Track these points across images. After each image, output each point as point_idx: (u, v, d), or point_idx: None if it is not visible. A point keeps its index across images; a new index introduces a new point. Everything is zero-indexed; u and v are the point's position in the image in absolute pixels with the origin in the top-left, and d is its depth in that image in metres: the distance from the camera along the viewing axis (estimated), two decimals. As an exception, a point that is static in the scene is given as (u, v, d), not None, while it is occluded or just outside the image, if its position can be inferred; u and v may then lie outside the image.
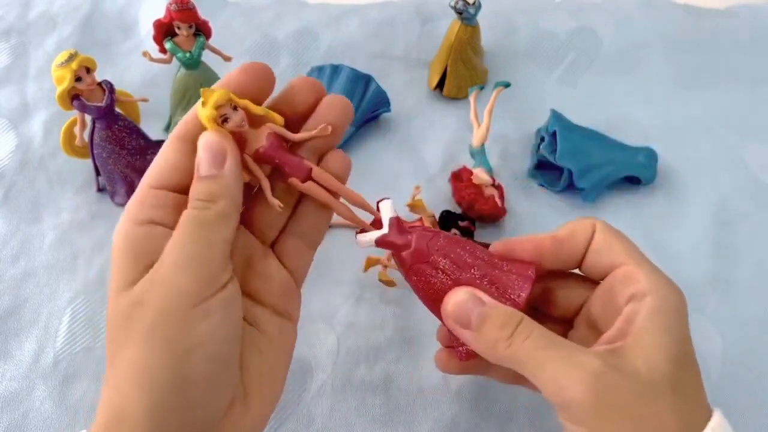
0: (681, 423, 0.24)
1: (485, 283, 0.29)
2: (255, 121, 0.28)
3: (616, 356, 0.25)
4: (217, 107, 0.26)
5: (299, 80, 0.30)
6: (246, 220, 0.29)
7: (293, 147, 0.29)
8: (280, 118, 0.28)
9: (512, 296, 0.29)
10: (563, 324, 0.32)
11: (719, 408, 0.26)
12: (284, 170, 0.28)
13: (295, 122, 0.29)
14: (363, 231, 0.30)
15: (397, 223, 0.29)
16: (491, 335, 0.27)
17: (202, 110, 0.26)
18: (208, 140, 0.26)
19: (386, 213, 0.29)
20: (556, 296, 0.32)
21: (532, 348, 0.26)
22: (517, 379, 0.30)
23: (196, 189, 0.26)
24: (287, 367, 0.30)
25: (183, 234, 0.25)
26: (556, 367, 0.25)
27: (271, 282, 0.29)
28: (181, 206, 0.26)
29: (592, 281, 0.31)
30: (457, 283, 0.29)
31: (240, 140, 0.27)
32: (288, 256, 0.30)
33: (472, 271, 0.29)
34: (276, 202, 0.28)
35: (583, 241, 0.30)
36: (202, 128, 0.27)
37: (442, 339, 0.34)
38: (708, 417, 0.25)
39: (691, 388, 0.26)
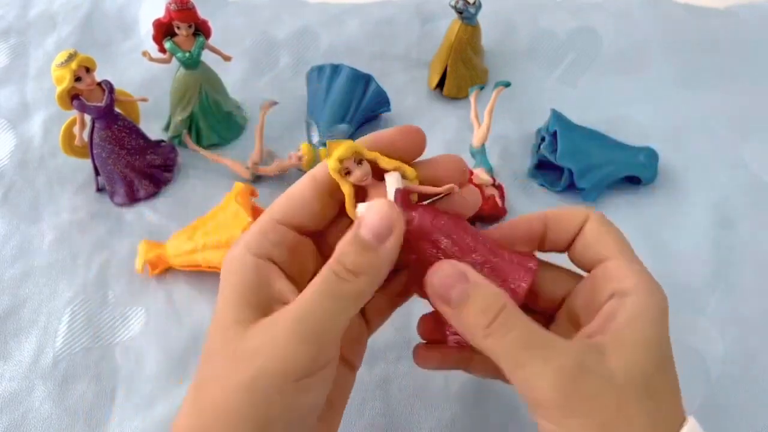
0: (652, 428, 0.24)
1: (486, 269, 0.28)
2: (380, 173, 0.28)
3: (593, 352, 0.25)
4: (341, 160, 0.26)
5: (447, 158, 0.30)
6: None
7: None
8: (412, 171, 0.28)
9: (512, 285, 0.27)
10: (545, 317, 0.31)
11: (693, 416, 0.26)
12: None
13: None
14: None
15: (402, 195, 0.27)
16: (470, 319, 0.25)
17: (327, 161, 0.27)
18: (380, 207, 0.25)
19: (392, 184, 0.27)
20: (540, 287, 0.31)
21: (512, 345, 0.25)
22: (497, 373, 0.29)
23: (347, 253, 0.25)
24: (340, 415, 0.30)
25: (314, 301, 0.24)
26: (532, 366, 0.24)
27: (348, 331, 0.28)
28: (298, 248, 0.26)
29: (577, 275, 0.30)
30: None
31: (361, 192, 0.28)
32: (368, 306, 0.29)
33: (473, 255, 0.27)
34: None
35: (573, 227, 0.29)
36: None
37: (423, 331, 0.33)
38: (681, 423, 0.25)
39: (666, 393, 0.25)
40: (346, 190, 0.27)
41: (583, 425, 0.24)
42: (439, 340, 0.32)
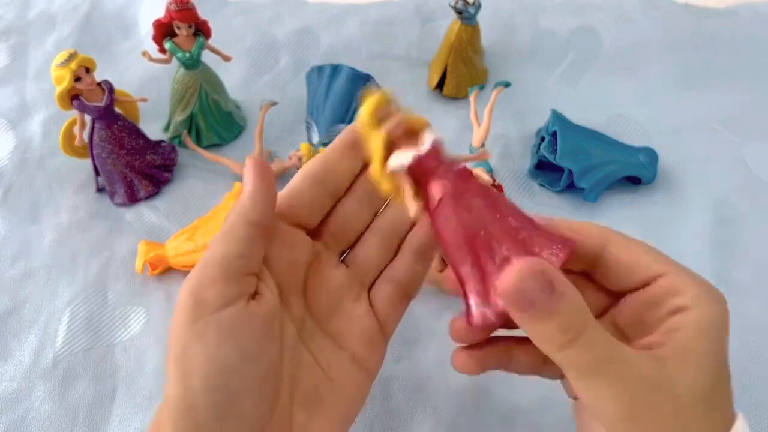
0: None
1: (521, 236, 0.24)
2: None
3: (658, 367, 0.24)
4: (375, 109, 0.25)
5: None
6: (350, 257, 0.29)
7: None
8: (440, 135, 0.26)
9: (545, 256, 0.24)
10: None
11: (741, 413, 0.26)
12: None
13: None
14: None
15: (438, 146, 0.25)
16: (551, 333, 0.23)
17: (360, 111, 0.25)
18: (250, 169, 0.27)
19: (430, 135, 0.25)
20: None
21: (587, 364, 0.23)
22: (537, 370, 0.29)
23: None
24: (349, 423, 0.28)
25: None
26: (600, 383, 0.24)
27: (356, 325, 0.28)
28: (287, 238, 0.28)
29: (608, 292, 0.29)
30: (490, 227, 0.24)
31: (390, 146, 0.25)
32: (380, 302, 0.29)
33: (509, 219, 0.25)
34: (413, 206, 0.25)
35: (596, 245, 0.28)
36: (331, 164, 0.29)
37: (458, 335, 0.30)
38: (733, 421, 0.26)
39: (724, 402, 0.26)
40: (377, 144, 0.25)
41: None
42: (474, 342, 0.30)
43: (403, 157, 0.25)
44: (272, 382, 0.25)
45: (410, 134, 0.25)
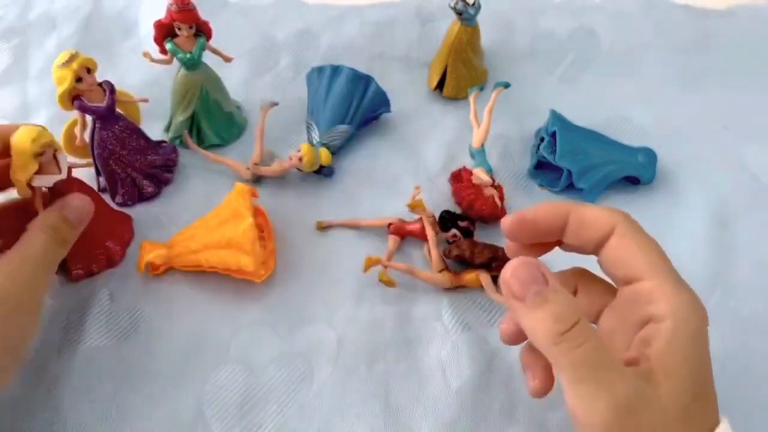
0: None
1: None
2: None
3: (647, 384, 0.25)
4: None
5: None
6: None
7: None
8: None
9: None
10: None
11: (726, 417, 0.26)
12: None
13: None
14: None
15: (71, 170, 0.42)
16: (543, 323, 0.25)
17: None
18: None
19: (65, 164, 0.41)
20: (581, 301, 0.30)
21: (579, 359, 0.24)
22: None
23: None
24: None
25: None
26: (589, 388, 0.24)
27: None
28: None
29: (578, 275, 0.31)
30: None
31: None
32: None
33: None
34: None
35: (597, 235, 0.28)
36: None
37: (505, 337, 0.31)
38: (716, 424, 0.26)
39: (708, 406, 0.26)
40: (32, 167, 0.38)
41: None
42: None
43: (47, 179, 0.40)
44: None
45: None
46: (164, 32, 0.49)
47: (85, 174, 0.50)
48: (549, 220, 0.29)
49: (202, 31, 0.49)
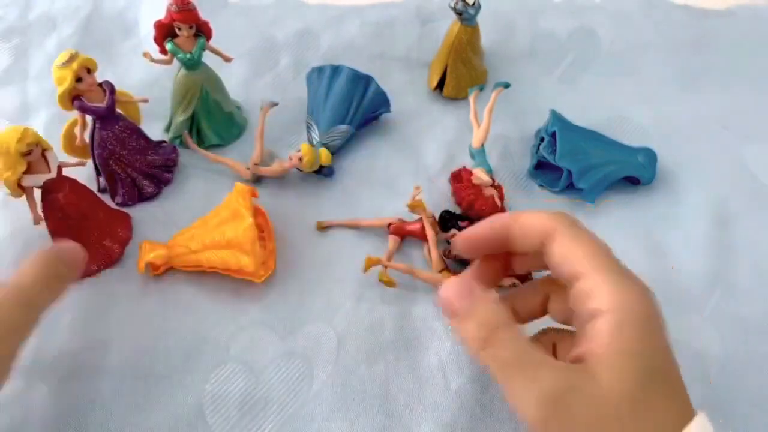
0: None
1: None
2: None
3: (579, 374, 0.25)
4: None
5: None
6: None
7: None
8: None
9: None
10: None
11: (703, 413, 0.25)
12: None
13: None
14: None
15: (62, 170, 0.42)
16: (470, 332, 0.27)
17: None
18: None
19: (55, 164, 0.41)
20: (514, 306, 0.32)
21: (505, 361, 0.26)
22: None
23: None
24: None
25: None
26: (519, 384, 0.25)
27: None
28: None
29: (548, 284, 0.31)
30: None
31: None
32: None
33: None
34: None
35: (537, 241, 0.29)
36: None
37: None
38: (688, 420, 0.25)
39: (665, 405, 0.25)
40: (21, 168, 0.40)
41: None
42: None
43: (36, 179, 0.41)
44: None
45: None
46: (164, 32, 0.49)
47: (85, 174, 0.50)
48: (492, 234, 0.30)
49: (202, 31, 0.49)
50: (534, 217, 0.29)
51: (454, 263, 0.45)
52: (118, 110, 0.48)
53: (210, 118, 0.53)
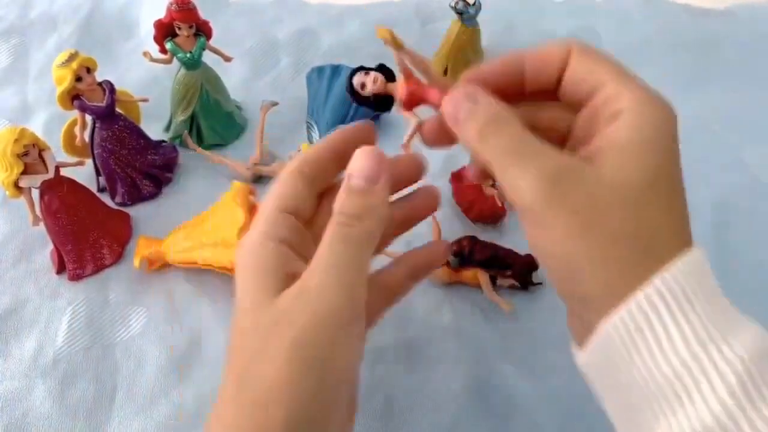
0: (636, 242, 0.22)
1: None
2: None
3: (582, 162, 0.24)
4: None
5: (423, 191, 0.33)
6: None
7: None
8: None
9: None
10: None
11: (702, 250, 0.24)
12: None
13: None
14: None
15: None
16: (471, 127, 0.26)
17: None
18: (367, 150, 0.26)
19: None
20: (540, 119, 0.29)
21: (502, 149, 0.25)
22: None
23: (345, 203, 0.26)
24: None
25: (332, 251, 0.25)
26: (515, 169, 0.24)
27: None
28: (304, 234, 0.28)
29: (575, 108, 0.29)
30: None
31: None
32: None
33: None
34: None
35: (554, 66, 0.27)
36: (320, 163, 0.29)
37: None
38: (680, 247, 0.23)
39: (662, 207, 0.23)
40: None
41: (565, 224, 0.23)
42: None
43: (33, 179, 0.41)
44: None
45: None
46: (164, 32, 0.49)
47: (85, 174, 0.50)
48: (503, 68, 0.28)
49: (202, 30, 0.49)
50: (547, 45, 0.28)
51: (454, 260, 0.45)
52: (118, 110, 0.48)
53: (210, 118, 0.52)
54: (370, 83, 0.30)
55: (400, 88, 0.32)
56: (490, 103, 0.26)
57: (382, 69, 0.33)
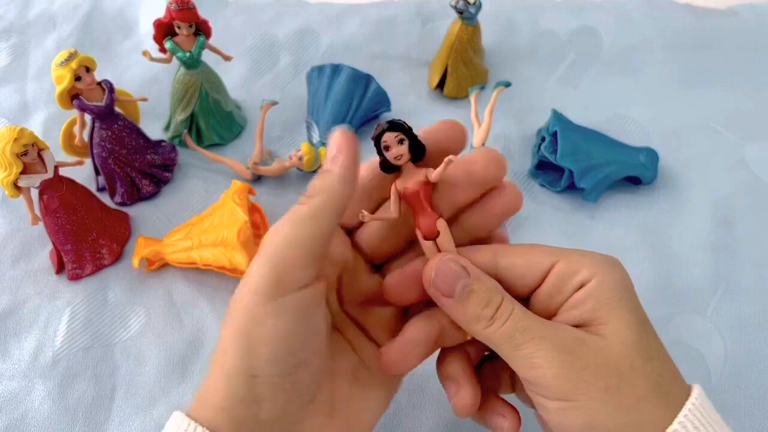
0: (654, 392, 0.24)
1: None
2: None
3: (580, 331, 0.26)
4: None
5: (446, 125, 0.31)
6: (385, 270, 0.30)
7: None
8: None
9: None
10: None
11: (699, 386, 0.26)
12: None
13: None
14: None
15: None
16: (473, 311, 0.26)
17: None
18: (337, 132, 0.26)
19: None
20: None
21: (511, 330, 0.26)
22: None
23: (310, 185, 0.26)
24: (384, 406, 0.31)
25: (273, 230, 0.25)
26: (531, 345, 0.25)
27: (386, 325, 0.30)
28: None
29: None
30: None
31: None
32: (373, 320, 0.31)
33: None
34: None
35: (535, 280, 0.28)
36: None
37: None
38: (685, 391, 0.25)
39: (661, 356, 0.26)
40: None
41: (588, 393, 0.24)
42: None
43: (33, 179, 0.41)
44: (324, 357, 0.27)
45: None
46: (164, 31, 0.48)
47: (84, 173, 0.50)
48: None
49: (201, 29, 0.49)
50: (475, 247, 0.29)
51: None
52: (117, 109, 0.48)
53: (209, 117, 0.52)
54: (393, 154, 0.28)
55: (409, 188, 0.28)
56: (485, 278, 0.27)
57: (415, 146, 0.30)
